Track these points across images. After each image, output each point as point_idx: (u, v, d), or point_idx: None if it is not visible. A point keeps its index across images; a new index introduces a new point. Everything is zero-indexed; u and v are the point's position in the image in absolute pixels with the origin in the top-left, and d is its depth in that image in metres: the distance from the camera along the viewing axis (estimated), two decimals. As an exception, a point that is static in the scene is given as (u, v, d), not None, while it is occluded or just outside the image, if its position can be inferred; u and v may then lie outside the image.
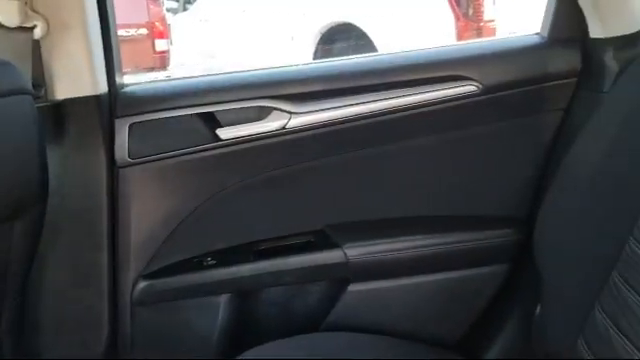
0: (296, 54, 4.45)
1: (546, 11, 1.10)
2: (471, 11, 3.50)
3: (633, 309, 0.82)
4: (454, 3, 3.46)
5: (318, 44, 4.37)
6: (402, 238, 1.13)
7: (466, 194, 1.14)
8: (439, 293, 1.15)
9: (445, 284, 1.14)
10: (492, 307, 1.16)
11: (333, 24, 4.19)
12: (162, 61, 4.69)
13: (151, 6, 4.55)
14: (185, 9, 6.52)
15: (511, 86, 1.09)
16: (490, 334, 1.16)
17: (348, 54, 4.00)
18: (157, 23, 4.63)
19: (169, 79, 1.16)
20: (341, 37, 4.22)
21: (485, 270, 1.14)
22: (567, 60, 1.08)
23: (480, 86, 1.08)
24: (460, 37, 3.53)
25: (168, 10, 6.34)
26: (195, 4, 6.27)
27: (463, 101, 1.08)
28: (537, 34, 1.13)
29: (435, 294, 1.15)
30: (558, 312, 0.99)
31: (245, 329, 1.17)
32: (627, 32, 1.02)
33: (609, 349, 0.85)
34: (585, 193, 0.99)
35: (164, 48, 4.70)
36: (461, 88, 1.08)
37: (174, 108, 1.07)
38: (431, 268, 1.14)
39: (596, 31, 1.05)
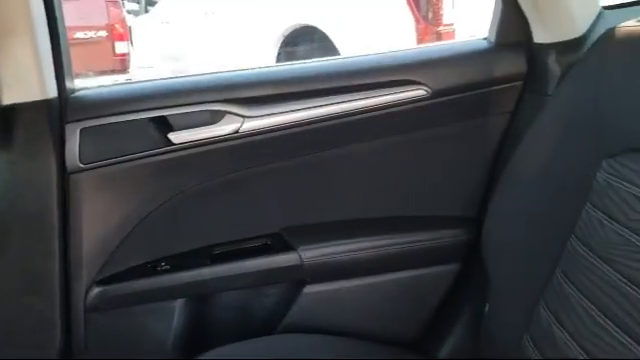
0: (259, 56, 4.44)
1: (492, 17, 1.13)
2: (430, 14, 3.55)
3: (574, 305, 0.85)
4: (414, 6, 3.51)
5: (281, 46, 4.37)
6: (356, 239, 1.15)
7: (418, 195, 1.17)
8: (393, 293, 1.17)
9: (398, 284, 1.16)
10: (444, 306, 1.19)
11: (296, 26, 4.20)
12: (122, 64, 4.63)
13: (111, 8, 4.49)
14: (147, 11, 6.45)
15: (459, 90, 1.11)
16: (442, 333, 1.19)
17: (311, 56, 4.01)
18: (117, 25, 4.57)
19: (121, 83, 1.15)
20: (304, 39, 4.24)
21: (437, 269, 1.17)
22: (513, 64, 1.12)
23: (430, 90, 1.10)
24: (420, 40, 3.58)
25: (129, 12, 6.27)
26: (157, 6, 6.21)
27: (413, 105, 1.11)
28: (484, 39, 1.16)
29: (389, 294, 1.17)
30: (505, 310, 1.02)
31: (201, 333, 1.17)
32: (569, 37, 1.05)
33: (552, 345, 0.88)
34: (529, 193, 1.02)
35: (124, 51, 4.64)
36: (411, 92, 1.10)
37: (126, 112, 1.06)
38: (385, 268, 1.16)
39: (540, 36, 1.09)
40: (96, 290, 1.11)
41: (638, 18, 0.95)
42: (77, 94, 1.09)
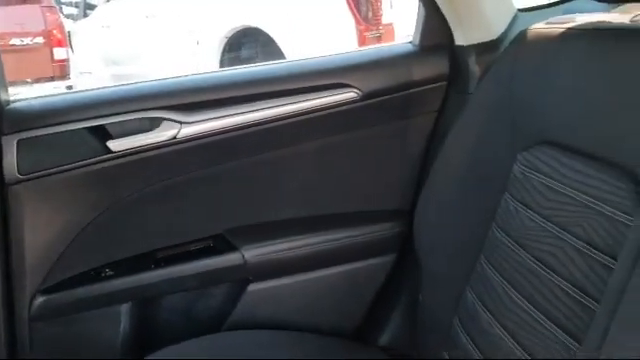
0: (202, 58, 4.43)
1: (417, 21, 1.20)
2: (370, 15, 3.63)
3: (495, 287, 0.93)
4: (353, 7, 3.58)
5: (224, 48, 4.38)
6: (297, 237, 1.20)
7: (353, 192, 1.23)
8: (333, 286, 1.22)
9: (338, 277, 1.22)
10: (382, 296, 1.25)
11: (239, 28, 4.21)
12: (62, 70, 4.53)
13: (47, 14, 4.39)
14: (86, 15, 6.30)
15: (388, 91, 1.17)
16: (381, 322, 1.25)
17: (254, 57, 4.02)
18: (55, 31, 4.46)
19: (58, 93, 1.16)
20: (247, 41, 4.26)
21: (374, 261, 1.23)
22: (437, 66, 1.19)
23: (360, 92, 1.16)
24: (361, 41, 3.66)
25: (67, 16, 6.12)
26: (96, 10, 6.09)
27: (345, 107, 1.16)
28: (409, 42, 1.22)
29: (329, 287, 1.22)
30: (436, 296, 1.09)
31: (149, 335, 1.20)
32: (486, 39, 1.13)
33: (477, 326, 0.95)
34: (455, 185, 1.09)
35: (63, 57, 4.55)
36: (343, 95, 1.15)
37: (63, 123, 1.08)
38: (325, 263, 1.21)
39: (460, 39, 1.16)
40: (40, 299, 1.11)
41: (547, 20, 1.03)
42: (13, 105, 1.09)
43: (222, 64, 4.36)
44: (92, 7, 6.37)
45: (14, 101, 1.11)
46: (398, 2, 3.60)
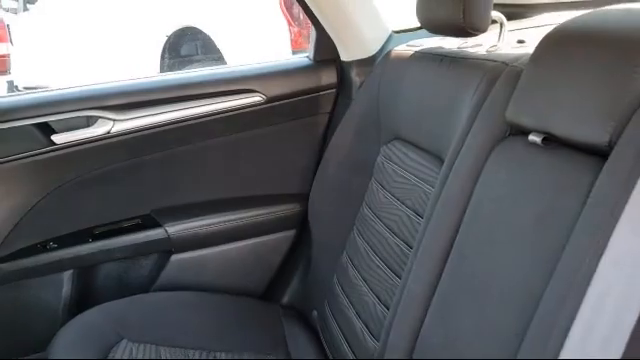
0: (142, 54, 4.56)
1: (311, 39, 1.47)
2: (302, 16, 3.86)
3: (360, 249, 1.20)
4: (285, 9, 3.81)
5: (165, 46, 4.52)
6: (212, 215, 1.45)
7: (260, 178, 1.48)
8: (245, 255, 1.48)
9: (247, 249, 1.47)
10: (284, 263, 1.51)
11: (178, 27, 4.36)
12: (2, 65, 4.58)
13: (-14, 9, 4.43)
14: (26, 9, 6.29)
15: (288, 96, 1.44)
16: (283, 284, 1.52)
17: (193, 55, 4.19)
18: (-6, 26, 4.52)
19: (6, 95, 1.36)
20: (187, 39, 4.41)
21: (278, 235, 1.49)
22: (327, 76, 1.46)
23: (264, 97, 1.42)
24: (295, 42, 3.89)
25: (7, 10, 6.11)
26: (37, 4, 6.09)
27: (253, 108, 1.42)
28: (307, 57, 1.49)
29: (242, 256, 1.48)
30: (322, 261, 1.36)
31: (87, 300, 1.42)
32: (364, 56, 1.41)
33: (347, 280, 1.22)
34: (338, 173, 1.37)
35: (4, 52, 4.60)
36: (251, 99, 1.41)
37: (12, 120, 1.29)
38: (236, 237, 1.47)
39: (344, 55, 1.44)
40: (-10, 268, 1.32)
41: (408, 43, 1.32)
42: (-31, 104, 1.30)
43: (163, 60, 4.51)
44: (33, 1, 6.36)
45: (-29, 100, 1.31)
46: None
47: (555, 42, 0.77)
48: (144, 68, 4.33)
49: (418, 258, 0.92)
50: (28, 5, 6.36)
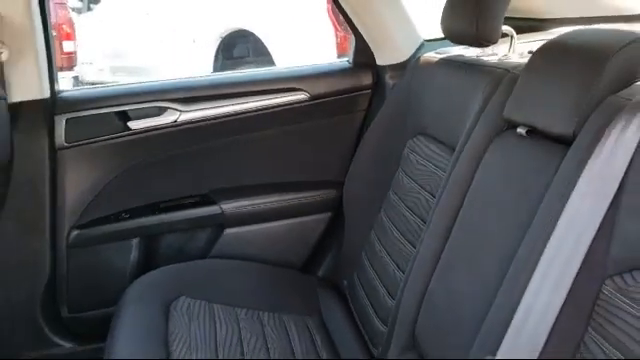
0: (198, 55, 4.85)
1: (350, 45, 1.67)
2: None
3: (385, 228, 1.39)
4: (332, 15, 4.02)
5: (219, 47, 4.78)
6: (261, 196, 1.67)
7: (303, 166, 1.69)
8: (287, 233, 1.69)
9: (290, 226, 1.69)
10: (321, 241, 1.72)
11: (233, 29, 4.62)
12: (69, 61, 4.94)
13: (58, 9, 4.80)
14: (90, 9, 6.71)
15: (329, 95, 1.65)
16: (320, 259, 1.72)
17: (245, 56, 4.44)
18: (64, 26, 4.89)
19: (94, 86, 1.61)
20: (239, 41, 4.67)
21: (317, 217, 1.70)
22: (364, 78, 1.66)
23: (309, 95, 1.63)
24: (340, 46, 4.10)
25: (72, 9, 6.52)
26: (99, 5, 6.49)
27: (298, 105, 1.63)
28: (347, 60, 1.70)
29: (284, 233, 1.69)
30: (354, 239, 1.56)
31: (150, 264, 1.65)
32: (397, 61, 1.61)
33: (373, 254, 1.41)
34: (370, 163, 1.57)
35: (71, 49, 4.96)
36: (297, 96, 1.63)
37: (97, 108, 1.54)
38: (280, 216, 1.68)
39: (380, 60, 1.63)
40: (75, 232, 1.57)
41: (436, 50, 1.51)
42: (62, 94, 1.55)
43: (216, 60, 4.79)
44: (96, 1, 6.78)
45: (63, 91, 1.57)
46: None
47: (543, 54, 0.95)
48: (198, 66, 4.62)
49: (429, 230, 1.11)
50: (92, 5, 6.79)
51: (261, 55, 4.37)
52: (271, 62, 4.19)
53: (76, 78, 5.24)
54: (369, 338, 1.34)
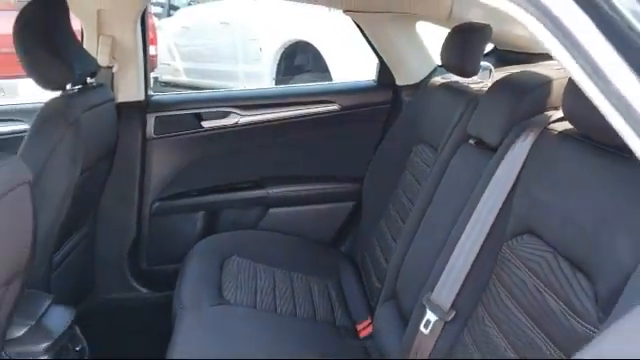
0: (263, 62, 5.34)
1: (376, 67, 2.09)
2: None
3: (392, 217, 1.79)
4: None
5: (281, 56, 5.24)
6: (298, 185, 2.11)
7: (332, 164, 2.12)
8: (317, 215, 2.12)
9: (321, 210, 2.12)
10: (344, 224, 2.14)
11: (294, 41, 5.07)
12: (151, 64, 5.55)
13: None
14: (169, 15, 7.36)
15: (356, 107, 2.07)
16: (344, 237, 2.14)
17: (304, 65, 4.88)
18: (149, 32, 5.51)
19: (177, 93, 2.10)
20: (300, 52, 5.12)
21: (342, 204, 2.13)
22: (385, 95, 2.07)
23: (340, 106, 2.06)
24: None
25: (154, 15, 7.18)
26: (179, 11, 7.13)
27: (331, 114, 2.07)
28: (372, 80, 2.12)
29: (315, 215, 2.12)
30: (368, 222, 1.97)
31: (211, 233, 2.12)
32: (413, 82, 2.01)
33: (382, 237, 1.82)
34: (384, 165, 1.97)
35: (153, 53, 5.59)
36: (330, 107, 2.06)
37: (179, 109, 2.02)
38: (313, 201, 2.12)
39: (399, 80, 2.05)
40: (156, 204, 2.06)
41: (442, 75, 1.90)
42: (153, 98, 2.05)
43: (279, 68, 5.26)
44: (175, 8, 7.43)
45: (153, 95, 2.06)
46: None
47: (495, 86, 1.35)
48: (262, 72, 5.11)
49: (412, 213, 1.52)
50: (171, 12, 7.44)
51: (318, 66, 4.78)
52: (328, 73, 4.56)
53: (155, 79, 5.85)
54: (369, 294, 1.75)
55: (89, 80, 1.69)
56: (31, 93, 2.01)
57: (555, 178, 1.02)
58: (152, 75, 5.73)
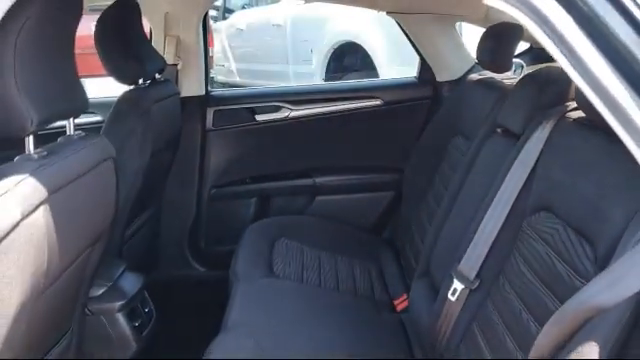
0: (313, 62, 5.52)
1: (416, 65, 2.23)
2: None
3: (430, 203, 1.93)
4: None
5: (331, 56, 5.41)
6: (343, 175, 2.27)
7: (376, 155, 2.27)
8: (360, 203, 2.28)
9: (364, 198, 2.28)
10: (385, 212, 2.29)
11: (343, 42, 5.24)
12: (210, 64, 5.85)
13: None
14: (225, 18, 7.65)
15: (399, 102, 2.21)
16: (384, 222, 2.29)
17: (353, 65, 5.04)
18: (205, 34, 5.79)
19: (234, 89, 2.31)
20: (348, 52, 5.28)
21: (383, 193, 2.28)
22: (426, 91, 2.21)
23: (383, 102, 2.21)
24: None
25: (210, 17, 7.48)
26: (234, 14, 7.41)
27: (375, 108, 2.22)
28: (414, 77, 2.26)
29: (358, 203, 2.28)
30: (408, 209, 2.11)
31: (262, 217, 2.30)
32: (452, 78, 2.14)
33: (419, 221, 1.96)
34: (424, 156, 2.11)
35: (210, 54, 5.86)
36: (374, 102, 2.22)
37: (235, 104, 2.22)
38: (357, 190, 2.27)
39: (439, 77, 2.18)
40: (214, 190, 2.26)
41: (479, 72, 2.02)
42: (212, 93, 2.25)
43: (328, 68, 5.43)
44: (230, 11, 7.72)
45: (212, 91, 2.26)
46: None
47: (522, 80, 1.47)
48: (312, 72, 5.30)
49: (445, 197, 1.65)
50: (226, 14, 7.74)
51: (366, 65, 4.92)
52: (376, 72, 4.69)
53: (211, 78, 6.12)
54: (407, 274, 1.89)
55: (157, 76, 1.90)
56: (97, 90, 2.25)
57: (569, 161, 1.15)
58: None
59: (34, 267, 0.91)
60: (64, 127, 1.15)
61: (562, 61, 0.75)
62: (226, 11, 7.94)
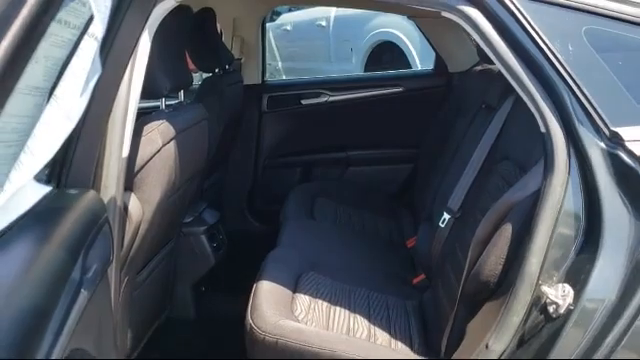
0: (353, 61, 6.01)
1: (434, 59, 2.73)
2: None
3: (438, 167, 2.44)
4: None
5: (369, 55, 5.89)
6: (371, 149, 2.79)
7: (398, 132, 2.77)
8: (384, 172, 2.79)
9: (387, 169, 2.79)
10: (406, 180, 2.79)
11: (381, 41, 5.71)
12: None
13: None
14: (272, 20, 8.22)
15: (417, 90, 2.72)
16: (404, 192, 2.80)
17: (389, 63, 5.52)
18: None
19: (285, 79, 2.86)
20: (385, 51, 5.74)
21: (403, 165, 2.80)
22: (441, 80, 2.71)
23: (404, 89, 2.72)
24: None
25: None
26: (281, 17, 7.98)
27: (398, 95, 2.73)
28: (431, 69, 2.76)
29: (383, 173, 2.79)
30: (423, 186, 2.61)
31: (307, 181, 2.83)
32: (461, 70, 2.63)
33: (433, 194, 2.47)
34: (436, 134, 2.61)
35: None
36: (397, 89, 2.73)
37: (284, 91, 2.77)
38: (382, 162, 2.79)
39: (451, 68, 2.67)
40: (267, 161, 2.81)
41: (482, 64, 2.51)
42: (266, 82, 2.80)
43: (367, 66, 5.91)
44: (278, 14, 8.28)
45: (267, 80, 2.82)
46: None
47: None
48: (351, 70, 5.78)
49: (447, 157, 2.15)
50: (274, 16, 8.30)
51: (402, 64, 5.37)
52: (409, 67, 5.13)
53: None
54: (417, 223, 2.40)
55: (227, 67, 2.46)
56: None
57: (522, 125, 1.64)
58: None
59: (166, 179, 1.47)
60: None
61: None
62: (274, 13, 8.51)
